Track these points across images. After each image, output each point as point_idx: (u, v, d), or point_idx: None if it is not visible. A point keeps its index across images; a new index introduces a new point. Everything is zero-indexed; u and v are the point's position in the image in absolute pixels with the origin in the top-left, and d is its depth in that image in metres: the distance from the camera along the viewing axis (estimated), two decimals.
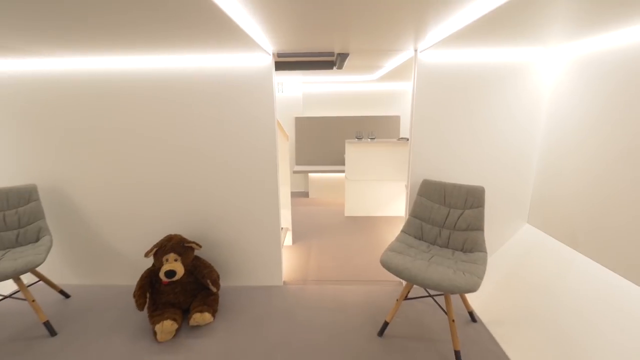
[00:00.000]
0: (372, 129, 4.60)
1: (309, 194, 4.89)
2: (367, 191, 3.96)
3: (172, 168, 2.24)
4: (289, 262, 2.79)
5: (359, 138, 3.97)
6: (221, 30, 1.41)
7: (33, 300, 1.86)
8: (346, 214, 4.01)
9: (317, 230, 3.52)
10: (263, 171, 2.24)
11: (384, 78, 3.87)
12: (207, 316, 1.90)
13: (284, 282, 2.45)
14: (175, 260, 1.94)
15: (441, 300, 2.11)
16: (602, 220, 1.61)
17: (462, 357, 1.68)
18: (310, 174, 4.75)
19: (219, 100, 2.12)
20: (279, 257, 2.39)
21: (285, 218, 3.05)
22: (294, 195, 4.92)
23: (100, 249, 2.41)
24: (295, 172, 4.59)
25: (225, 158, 2.22)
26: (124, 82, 2.10)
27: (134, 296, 1.89)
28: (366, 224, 3.72)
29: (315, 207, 4.38)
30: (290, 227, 3.14)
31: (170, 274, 1.89)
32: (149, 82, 2.10)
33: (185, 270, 1.99)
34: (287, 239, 3.11)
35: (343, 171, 4.29)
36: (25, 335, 1.91)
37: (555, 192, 1.96)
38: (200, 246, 2.11)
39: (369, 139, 3.88)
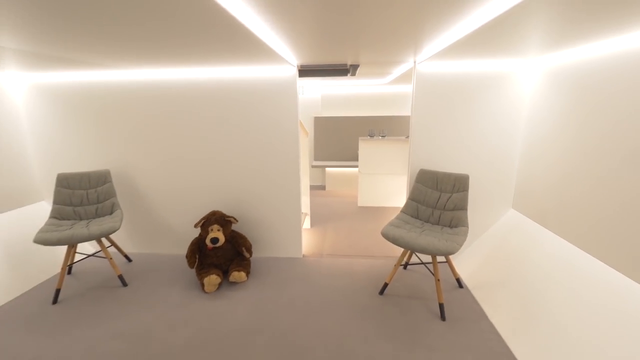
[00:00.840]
0: (384, 127, 5.00)
1: (326, 187, 5.35)
2: (378, 184, 4.37)
3: (214, 160, 2.76)
4: (307, 240, 3.26)
5: (371, 136, 4.39)
6: (259, 52, 1.89)
7: (111, 258, 2.42)
8: (359, 204, 4.45)
9: (333, 217, 3.97)
10: (287, 163, 2.72)
11: (394, 82, 4.27)
12: (243, 275, 2.40)
13: (303, 255, 2.93)
14: (218, 230, 2.45)
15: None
16: (567, 205, 1.99)
17: (448, 312, 2.09)
18: (327, 169, 5.22)
19: (252, 104, 2.61)
20: (299, 234, 2.87)
21: (305, 204, 3.52)
22: (312, 188, 5.39)
23: (155, 224, 2.96)
24: (313, 166, 5.06)
25: (256, 152, 2.71)
26: (178, 89, 2.63)
27: (187, 257, 2.42)
28: (376, 213, 4.14)
29: (331, 198, 4.84)
30: (308, 213, 3.61)
31: (215, 240, 2.40)
32: (197, 90, 2.62)
33: (225, 239, 2.49)
34: (306, 223, 3.58)
35: (357, 166, 4.72)
36: (105, 285, 2.47)
37: (534, 183, 2.33)
38: (237, 220, 2.61)
39: (380, 137, 4.30)
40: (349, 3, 1.13)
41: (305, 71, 2.84)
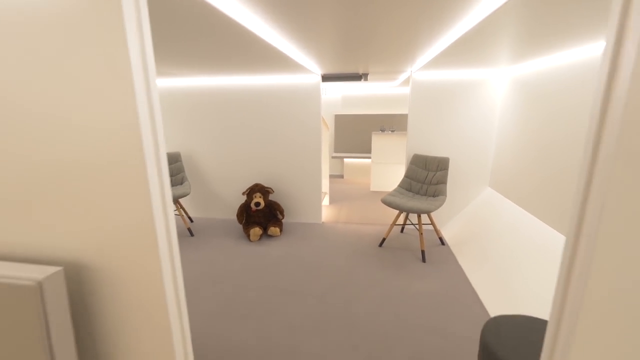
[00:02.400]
0: (393, 123, 5.72)
1: (344, 175, 6.14)
2: (388, 171, 5.11)
3: (256, 146, 3.62)
4: (326, 212, 4.06)
5: (383, 131, 5.13)
6: (293, 67, 2.70)
7: (182, 215, 3.32)
8: (371, 189, 5.20)
9: (348, 198, 4.76)
10: (311, 152, 3.53)
11: (402, 85, 4.99)
12: (277, 230, 3.24)
13: (323, 222, 3.74)
14: (260, 197, 3.30)
15: (426, 230, 3.26)
16: (522, 181, 2.69)
17: (428, 258, 2.83)
18: (345, 159, 6.00)
19: (285, 104, 3.44)
20: (319, 206, 3.67)
21: (325, 185, 4.33)
22: (331, 177, 6.20)
23: (210, 194, 3.87)
24: (333, 157, 5.86)
25: (288, 141, 3.54)
26: (231, 92, 3.51)
27: (237, 216, 3.29)
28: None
29: (348, 185, 5.62)
30: (327, 192, 4.42)
31: (257, 204, 3.25)
32: (245, 93, 3.48)
33: (265, 204, 3.34)
34: (325, 200, 4.39)
35: (370, 157, 5.47)
36: (178, 234, 3.38)
37: (504, 167, 3.03)
38: (273, 191, 3.45)
39: (390, 131, 5.03)
40: (360, 33, 1.91)
41: (326, 78, 3.64)
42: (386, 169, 5.11)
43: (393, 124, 5.73)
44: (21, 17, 0.66)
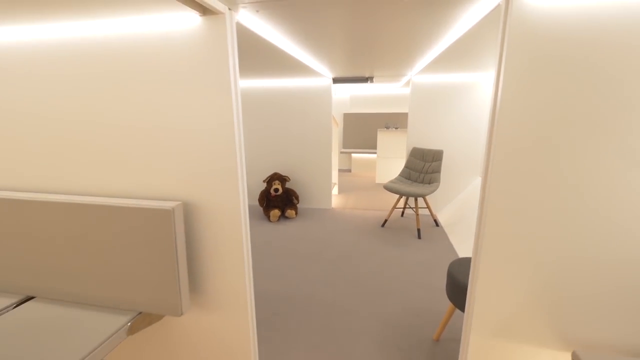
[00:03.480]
0: (397, 121, 6.18)
1: (352, 170, 6.62)
2: (392, 165, 5.57)
3: (275, 139, 4.12)
4: (335, 200, 4.55)
5: (387, 128, 5.59)
6: (308, 72, 3.20)
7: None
8: (376, 181, 5.68)
9: (355, 189, 5.24)
10: (322, 146, 4.02)
11: (405, 85, 5.44)
12: (293, 213, 3.75)
13: (332, 207, 4.23)
14: (278, 184, 3.81)
15: (423, 214, 3.72)
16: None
17: (423, 236, 3.30)
18: (353, 155, 6.48)
19: (301, 103, 3.94)
20: (330, 194, 4.17)
21: (334, 176, 4.82)
22: (340, 171, 6.68)
23: None
24: (342, 152, 6.34)
25: (302, 138, 4.04)
26: (256, 94, 4.02)
27: (259, 200, 3.80)
28: None
29: (355, 178, 6.10)
30: (337, 183, 4.91)
31: (276, 190, 3.76)
32: (267, 95, 3.98)
33: (282, 190, 3.84)
34: (335, 190, 4.88)
35: (376, 153, 5.94)
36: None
37: None
38: (290, 179, 3.96)
39: (394, 128, 5.49)
40: (366, 42, 2.39)
41: (337, 80, 4.13)
42: (390, 162, 5.58)
43: (397, 121, 6.19)
44: (174, 66, 1.18)
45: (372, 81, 4.25)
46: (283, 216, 3.83)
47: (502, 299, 1.16)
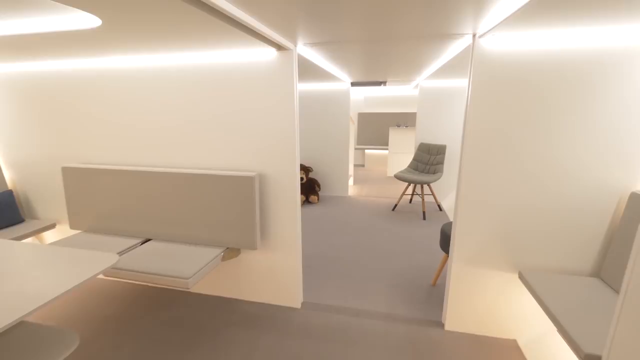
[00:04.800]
0: (408, 120, 6.72)
1: (365, 164, 7.20)
2: (402, 160, 6.13)
3: (300, 137, 4.74)
4: (351, 190, 5.15)
5: (398, 126, 6.15)
6: (331, 78, 3.80)
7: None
8: (388, 175, 6.24)
9: (368, 181, 5.83)
10: (341, 142, 4.62)
11: (416, 87, 5.98)
12: (315, 198, 4.37)
13: (349, 195, 4.83)
14: (303, 173, 4.43)
15: (429, 202, 4.29)
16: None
17: (428, 217, 3.87)
18: (366, 151, 7.05)
19: (325, 104, 4.55)
20: (347, 183, 4.77)
21: (350, 168, 5.42)
22: (354, 166, 7.27)
23: None
24: (356, 148, 6.92)
25: (323, 134, 4.65)
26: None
27: None
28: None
29: (368, 172, 6.69)
30: (352, 175, 5.50)
31: (301, 179, 4.38)
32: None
33: (306, 179, 4.46)
34: (350, 181, 5.47)
35: (387, 149, 6.49)
36: None
37: None
38: (312, 169, 4.58)
39: (405, 126, 6.05)
40: (380, 54, 2.98)
41: (354, 84, 4.73)
42: (401, 157, 6.13)
43: (407, 120, 6.73)
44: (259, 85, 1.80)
45: (385, 85, 4.82)
46: (307, 201, 4.45)
47: (471, 238, 1.75)
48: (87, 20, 1.19)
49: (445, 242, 2.14)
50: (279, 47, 1.71)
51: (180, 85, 1.94)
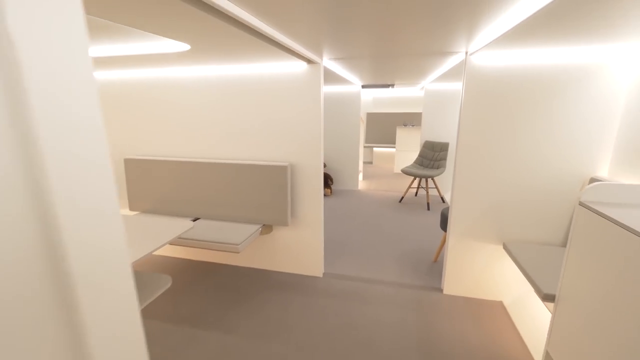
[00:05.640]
0: (414, 120, 7.09)
1: (373, 162, 7.59)
2: (408, 157, 6.51)
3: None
4: (361, 185, 5.55)
5: (405, 125, 6.53)
6: (344, 81, 4.21)
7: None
8: (394, 171, 6.63)
9: (376, 177, 6.22)
10: (352, 140, 5.03)
11: (422, 89, 6.36)
12: (329, 191, 4.78)
13: (359, 189, 5.24)
14: None
15: (433, 195, 4.68)
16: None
17: (432, 208, 4.25)
18: (374, 149, 7.44)
19: (337, 105, 4.96)
20: (357, 178, 5.17)
21: (360, 165, 5.82)
22: (363, 163, 7.66)
23: None
24: (365, 146, 7.32)
25: (336, 132, 5.06)
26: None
27: None
28: (406, 175, 6.30)
29: (376, 168, 7.08)
30: (361, 171, 5.90)
31: None
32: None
33: None
34: (360, 177, 5.87)
35: (394, 147, 6.87)
36: None
37: None
38: (326, 165, 4.99)
39: (411, 126, 6.43)
40: (389, 67, 3.37)
41: (364, 86, 5.13)
42: (407, 155, 6.52)
43: (414, 119, 7.11)
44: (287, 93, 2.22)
45: (393, 87, 5.21)
46: None
47: (465, 217, 2.14)
48: (179, 46, 1.61)
49: (444, 222, 2.54)
50: (309, 61, 2.12)
51: (228, 92, 2.37)
